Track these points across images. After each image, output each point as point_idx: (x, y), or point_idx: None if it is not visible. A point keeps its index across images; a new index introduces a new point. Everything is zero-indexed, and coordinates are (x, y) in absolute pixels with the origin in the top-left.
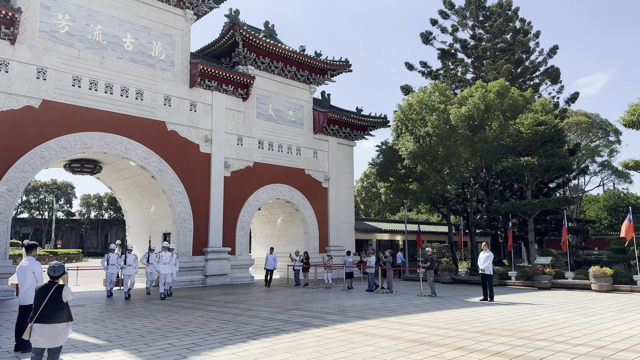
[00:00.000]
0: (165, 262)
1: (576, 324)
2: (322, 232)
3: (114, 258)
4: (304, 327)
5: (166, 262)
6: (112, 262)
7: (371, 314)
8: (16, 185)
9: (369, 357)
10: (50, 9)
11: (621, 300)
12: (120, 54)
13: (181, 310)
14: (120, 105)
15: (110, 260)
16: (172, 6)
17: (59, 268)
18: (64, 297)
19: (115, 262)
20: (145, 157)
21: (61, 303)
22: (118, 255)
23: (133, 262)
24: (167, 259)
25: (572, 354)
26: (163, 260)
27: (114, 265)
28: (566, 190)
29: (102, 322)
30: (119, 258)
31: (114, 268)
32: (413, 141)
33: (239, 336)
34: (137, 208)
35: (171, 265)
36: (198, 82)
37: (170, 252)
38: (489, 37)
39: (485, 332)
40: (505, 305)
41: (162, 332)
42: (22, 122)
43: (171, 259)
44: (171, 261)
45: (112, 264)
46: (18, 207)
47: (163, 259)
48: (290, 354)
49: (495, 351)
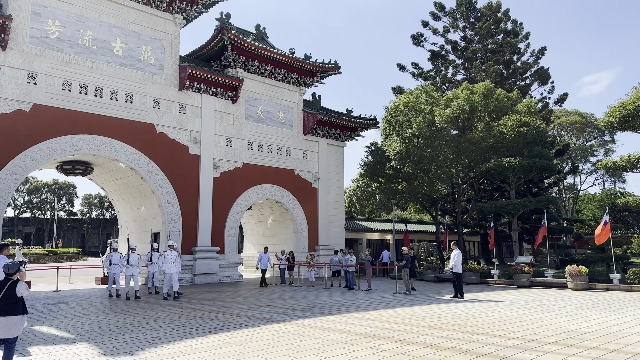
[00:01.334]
0: (171, 261)
1: (527, 319)
2: (311, 231)
3: (117, 257)
4: (266, 322)
5: (172, 261)
6: (115, 262)
7: (337, 310)
8: (7, 186)
9: (312, 348)
10: (41, 15)
11: (590, 298)
12: (110, 58)
13: (158, 307)
14: (109, 109)
15: (113, 260)
16: (162, 11)
17: (12, 266)
18: (18, 293)
19: (118, 262)
20: (135, 158)
21: (15, 298)
22: (121, 255)
23: (137, 262)
24: (172, 258)
25: (500, 346)
26: (169, 259)
27: (117, 265)
28: (561, 190)
29: (79, 318)
30: (121, 257)
31: (117, 268)
32: (399, 142)
33: (201, 331)
34: (128, 208)
35: (176, 265)
36: (187, 85)
37: (175, 251)
38: (479, 39)
39: (433, 326)
40: (471, 302)
41: (131, 327)
42: (13, 126)
43: (176, 259)
44: (176, 260)
45: (114, 264)
46: (20, 206)
47: (168, 258)
48: (241, 347)
49: (431, 343)
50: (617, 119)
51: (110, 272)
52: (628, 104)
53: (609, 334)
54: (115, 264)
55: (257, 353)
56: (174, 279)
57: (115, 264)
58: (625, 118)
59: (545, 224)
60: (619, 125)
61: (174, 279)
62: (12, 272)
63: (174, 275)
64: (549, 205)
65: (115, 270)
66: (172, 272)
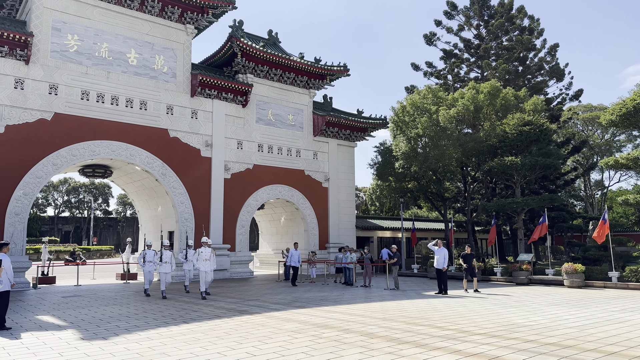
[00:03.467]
0: (206, 258)
1: (483, 314)
2: (322, 229)
3: (151, 255)
4: (240, 314)
5: (207, 258)
6: (149, 259)
7: (314, 304)
8: (31, 189)
9: (261, 336)
10: (61, 31)
11: (575, 296)
12: (125, 68)
13: (157, 300)
14: (125, 115)
15: (147, 257)
16: (174, 22)
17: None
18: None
19: (152, 259)
20: (149, 162)
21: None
22: (155, 252)
23: (170, 260)
24: (207, 255)
25: (429, 335)
26: (203, 256)
27: (151, 263)
28: (587, 186)
29: (80, 309)
30: (155, 255)
31: (151, 265)
32: (405, 142)
33: (178, 321)
34: (147, 208)
35: (212, 262)
36: (199, 91)
37: (209, 248)
38: (492, 37)
39: (387, 319)
40: (448, 298)
41: (120, 318)
42: (36, 133)
43: (211, 256)
44: (212, 257)
45: (149, 261)
46: (60, 206)
47: (203, 255)
48: (202, 334)
49: (368, 332)
50: (618, 117)
51: (145, 269)
52: (628, 102)
53: (545, 327)
54: (150, 262)
55: (212, 340)
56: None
57: (149, 262)
58: (626, 116)
59: (546, 221)
60: (621, 122)
61: (207, 277)
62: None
63: (209, 274)
64: (562, 204)
65: (149, 267)
66: (206, 269)
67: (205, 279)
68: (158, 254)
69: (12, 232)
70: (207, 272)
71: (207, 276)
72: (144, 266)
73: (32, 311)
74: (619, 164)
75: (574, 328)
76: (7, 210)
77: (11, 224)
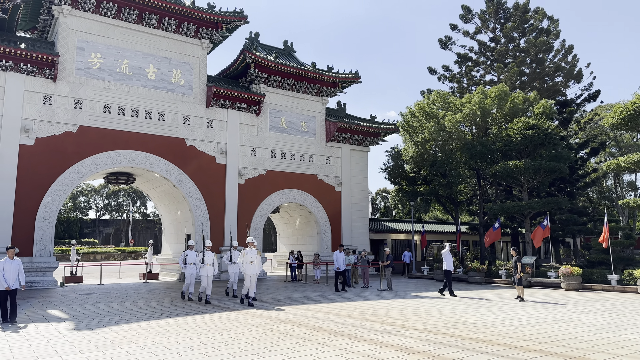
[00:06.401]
0: (251, 260)
1: (444, 313)
2: (335, 232)
3: (192, 256)
4: (221, 310)
5: (252, 260)
6: (191, 261)
7: (296, 303)
8: (59, 196)
9: (224, 329)
10: (85, 50)
11: (562, 298)
12: (144, 82)
13: (159, 297)
14: (144, 127)
15: (188, 259)
16: (190, 37)
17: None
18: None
19: (193, 261)
20: (167, 169)
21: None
22: (197, 253)
23: (212, 261)
24: (253, 257)
25: (376, 330)
26: (249, 258)
27: (192, 265)
28: (617, 188)
29: (89, 305)
30: (197, 256)
31: (193, 268)
32: (413, 147)
33: (162, 315)
34: (168, 212)
35: (257, 265)
36: (213, 102)
37: (255, 249)
38: (507, 40)
39: (351, 316)
40: (426, 299)
41: (117, 313)
42: (62, 145)
43: (257, 258)
44: (257, 260)
45: (190, 263)
46: (100, 209)
47: (248, 257)
48: (176, 327)
49: (320, 327)
50: (619, 120)
51: (186, 272)
52: (629, 105)
53: (488, 325)
54: (191, 264)
55: (180, 332)
56: (253, 281)
57: (190, 263)
58: (627, 119)
59: (548, 224)
60: (623, 125)
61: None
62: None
63: (253, 278)
64: (569, 206)
65: (191, 270)
66: (252, 273)
67: (250, 282)
68: (200, 256)
69: (41, 235)
70: (252, 276)
71: (252, 280)
72: (185, 268)
73: (47, 306)
74: (621, 167)
75: (513, 326)
76: (37, 215)
77: (40, 227)
